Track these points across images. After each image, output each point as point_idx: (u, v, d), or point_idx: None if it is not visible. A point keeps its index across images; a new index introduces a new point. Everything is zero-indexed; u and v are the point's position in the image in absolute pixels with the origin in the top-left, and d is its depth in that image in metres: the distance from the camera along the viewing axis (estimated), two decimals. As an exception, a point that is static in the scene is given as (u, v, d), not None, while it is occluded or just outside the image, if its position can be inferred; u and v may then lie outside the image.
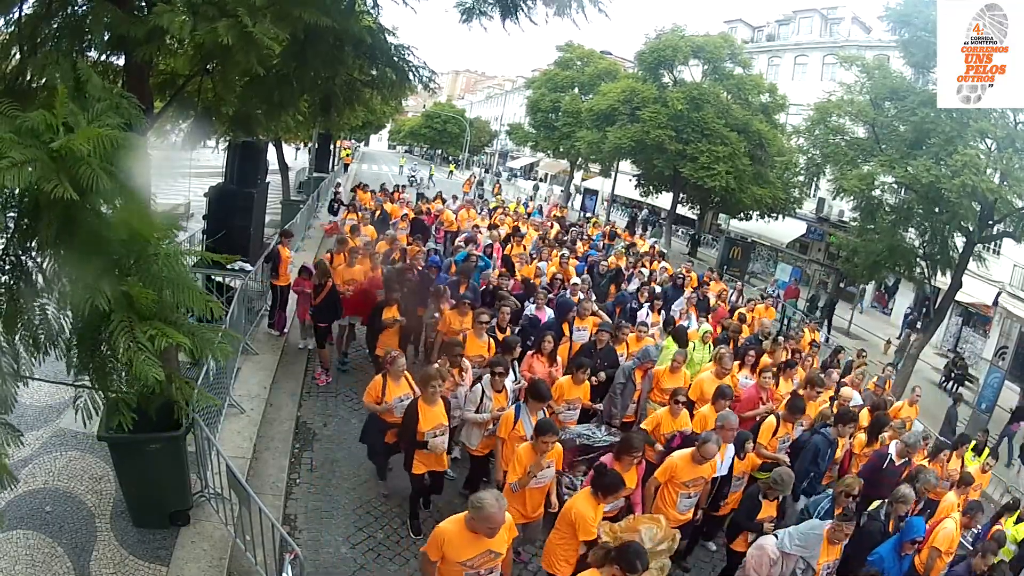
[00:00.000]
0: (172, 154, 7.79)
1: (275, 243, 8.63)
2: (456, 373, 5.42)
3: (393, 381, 5.04)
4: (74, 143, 2.17)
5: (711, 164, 20.09)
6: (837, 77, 16.49)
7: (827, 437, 5.56)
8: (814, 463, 5.47)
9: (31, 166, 2.09)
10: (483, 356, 6.11)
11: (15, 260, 2.56)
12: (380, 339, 6.58)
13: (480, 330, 6.30)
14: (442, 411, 4.75)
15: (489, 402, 5.12)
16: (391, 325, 6.59)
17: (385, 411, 5.02)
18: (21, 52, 4.24)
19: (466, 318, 6.66)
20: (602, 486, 3.71)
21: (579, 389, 5.61)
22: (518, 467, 4.13)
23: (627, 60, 31.53)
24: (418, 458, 4.69)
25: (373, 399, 5.05)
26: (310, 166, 21.22)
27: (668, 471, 4.59)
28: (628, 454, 4.22)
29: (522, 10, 5.90)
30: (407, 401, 4.90)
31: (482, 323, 6.29)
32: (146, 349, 2.49)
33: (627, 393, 6.22)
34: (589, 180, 38.60)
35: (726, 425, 4.89)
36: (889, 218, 12.77)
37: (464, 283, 7.92)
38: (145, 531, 4.30)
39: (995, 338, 17.09)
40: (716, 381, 6.24)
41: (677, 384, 6.36)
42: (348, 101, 7.23)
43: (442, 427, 4.69)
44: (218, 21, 3.77)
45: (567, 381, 5.61)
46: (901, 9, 11.82)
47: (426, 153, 68.45)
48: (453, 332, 6.60)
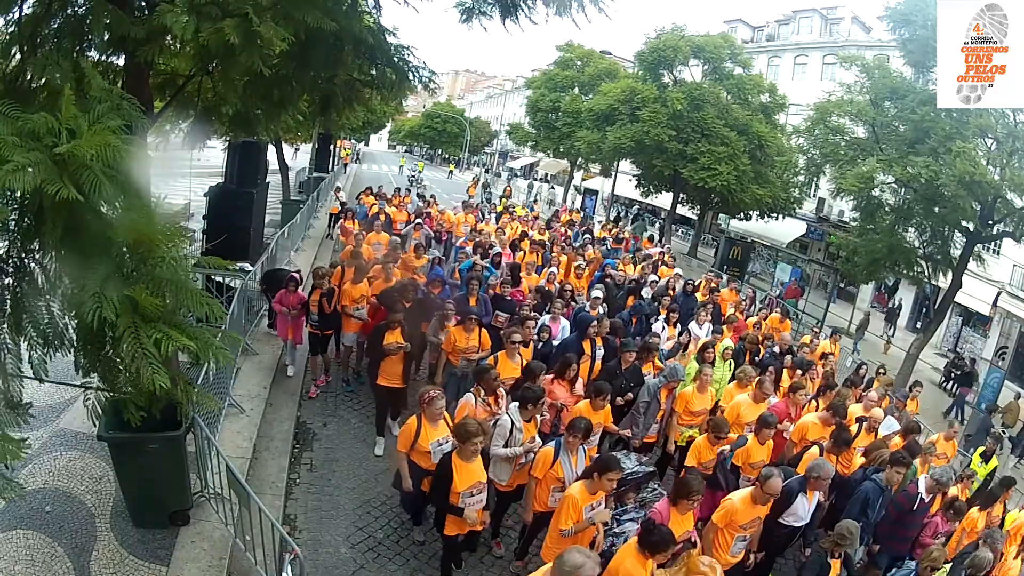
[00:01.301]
0: (172, 154, 7.71)
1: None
2: (492, 402, 4.91)
3: (430, 424, 4.39)
4: (78, 149, 2.17)
5: (712, 164, 20.09)
6: (837, 77, 16.51)
7: (879, 484, 5.01)
8: (863, 514, 4.86)
9: (34, 169, 2.09)
10: (516, 378, 5.58)
11: (18, 262, 2.56)
12: (382, 367, 5.86)
13: (513, 351, 5.74)
14: (480, 467, 4.11)
15: (519, 434, 4.63)
16: (394, 352, 5.81)
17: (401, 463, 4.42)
18: (21, 52, 4.24)
19: (472, 335, 6.23)
20: (650, 544, 3.37)
21: (599, 415, 5.17)
22: (572, 511, 3.81)
23: (627, 60, 31.52)
24: (451, 520, 4.10)
25: (406, 446, 4.38)
26: (310, 166, 21.22)
27: (728, 515, 4.21)
28: (687, 498, 3.87)
29: (522, 10, 5.90)
30: (446, 446, 4.34)
31: (515, 343, 5.74)
32: (152, 356, 2.47)
33: (651, 413, 5.85)
34: (589, 180, 38.62)
35: (821, 475, 4.45)
36: (889, 218, 12.79)
37: (473, 296, 7.26)
38: (145, 531, 4.29)
39: (995, 338, 17.10)
40: (755, 406, 5.83)
41: (705, 405, 6.04)
42: (348, 101, 7.22)
43: (480, 486, 4.06)
44: (221, 21, 3.76)
45: (586, 407, 5.14)
46: (901, 9, 11.84)
47: (426, 153, 68.48)
48: (459, 351, 6.23)
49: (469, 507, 3.98)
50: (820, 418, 5.85)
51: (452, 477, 3.93)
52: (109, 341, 2.66)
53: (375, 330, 6.01)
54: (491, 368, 5.10)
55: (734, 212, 23.21)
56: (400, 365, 5.90)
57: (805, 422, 5.89)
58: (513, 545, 5.01)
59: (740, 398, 6.04)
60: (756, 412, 5.64)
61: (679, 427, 6.03)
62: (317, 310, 6.83)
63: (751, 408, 5.83)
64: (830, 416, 5.80)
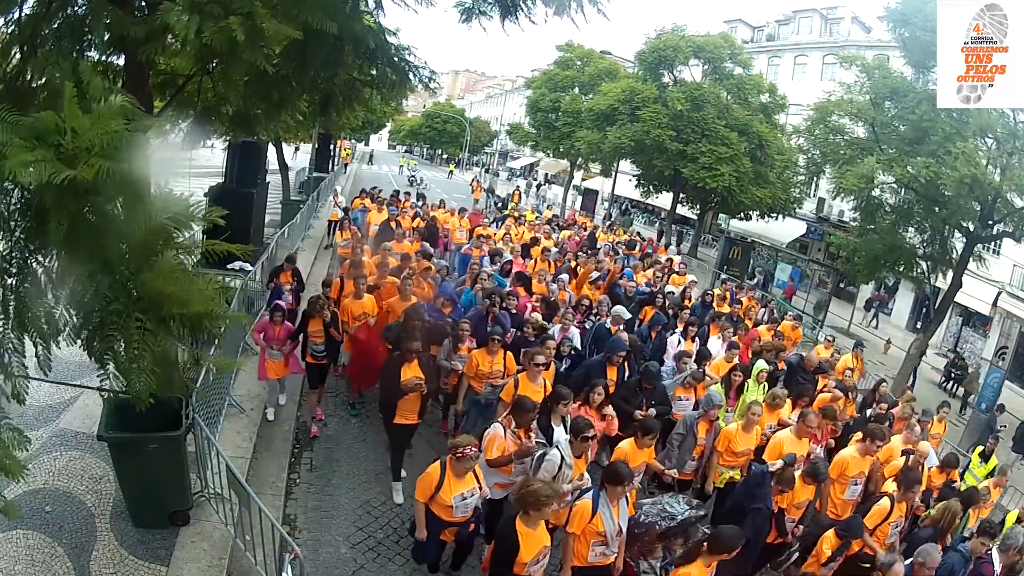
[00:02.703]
0: (172, 154, 7.62)
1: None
2: (523, 435, 4.44)
3: (455, 476, 3.93)
4: (83, 141, 2.17)
5: (712, 165, 20.09)
6: (837, 77, 16.49)
7: (964, 555, 4.53)
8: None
9: (40, 168, 2.09)
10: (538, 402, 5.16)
11: (21, 261, 2.56)
12: (399, 406, 5.22)
13: (535, 373, 5.32)
14: (545, 531, 3.67)
15: (568, 471, 4.20)
16: (413, 390, 5.14)
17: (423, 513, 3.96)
18: (21, 52, 4.24)
19: (496, 358, 5.76)
20: None
21: (644, 454, 4.76)
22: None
23: (627, 60, 31.50)
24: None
25: (425, 496, 3.93)
26: (310, 166, 21.24)
27: None
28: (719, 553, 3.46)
29: (521, 10, 5.91)
30: (472, 499, 3.99)
31: (539, 366, 5.33)
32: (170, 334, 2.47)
33: (686, 447, 5.36)
34: (589, 180, 38.61)
35: (927, 563, 4.03)
36: (889, 218, 12.78)
37: (491, 314, 6.65)
38: (145, 531, 4.29)
39: (995, 338, 17.09)
40: (798, 443, 5.30)
41: (749, 445, 5.39)
42: (348, 101, 7.23)
43: (545, 550, 3.64)
44: (223, 19, 3.76)
45: (630, 446, 4.70)
46: (901, 9, 11.83)
47: (426, 153, 68.49)
48: (483, 375, 5.73)
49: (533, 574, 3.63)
50: (859, 450, 5.35)
51: (518, 548, 3.48)
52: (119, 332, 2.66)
53: (389, 364, 5.35)
54: (531, 403, 4.54)
55: (734, 212, 23.21)
56: (418, 403, 5.31)
57: (844, 457, 5.34)
58: None
59: (782, 435, 5.41)
60: (800, 451, 5.25)
61: (719, 467, 5.45)
62: (323, 340, 6.06)
63: (795, 446, 5.27)
64: (870, 445, 5.29)
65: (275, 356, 6.04)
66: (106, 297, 2.40)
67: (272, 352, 6.02)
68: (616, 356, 6.02)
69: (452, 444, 3.95)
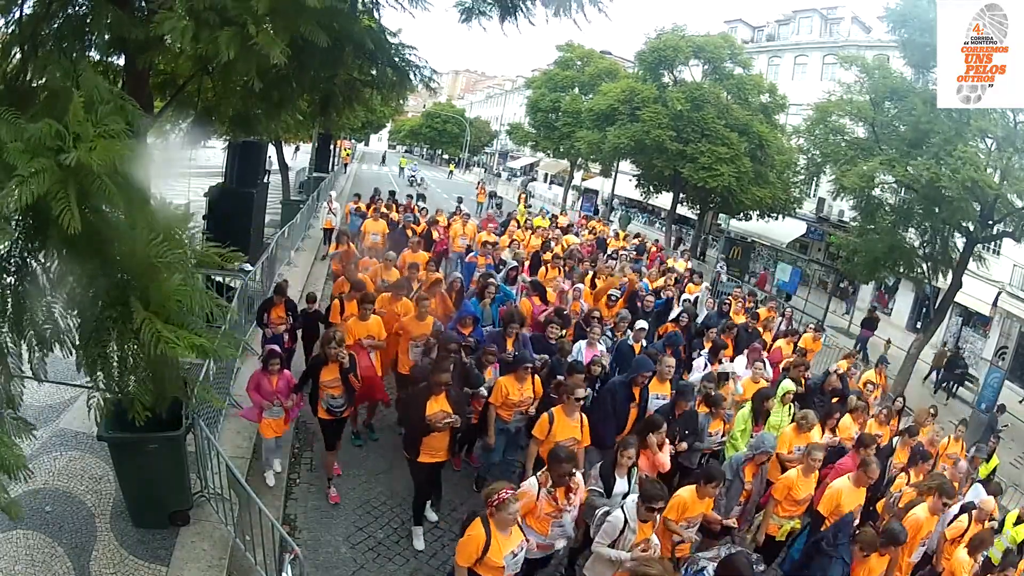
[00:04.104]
0: (172, 154, 7.57)
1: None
2: (561, 495, 3.90)
3: (500, 532, 3.42)
4: (85, 158, 2.17)
5: (713, 165, 20.09)
6: (837, 77, 16.49)
7: None
8: None
9: (39, 179, 2.08)
10: (576, 439, 4.74)
11: (20, 262, 2.56)
12: (425, 442, 4.64)
13: (573, 408, 4.75)
14: None
15: (632, 535, 3.80)
16: (441, 428, 4.57)
17: None
18: (22, 52, 4.24)
19: (525, 384, 5.27)
20: None
21: (705, 504, 4.34)
22: None
23: (627, 60, 31.50)
24: None
25: (470, 560, 3.40)
26: (310, 166, 21.24)
27: None
28: None
29: (521, 11, 5.90)
30: (521, 555, 3.56)
31: (579, 400, 4.75)
32: (168, 351, 2.47)
33: (732, 494, 4.82)
34: (589, 180, 38.60)
35: None
36: (889, 218, 12.79)
37: (512, 336, 6.02)
38: (145, 531, 4.30)
39: (995, 338, 17.08)
40: (856, 492, 4.76)
41: (810, 490, 4.86)
42: (348, 101, 7.23)
43: None
44: (219, 29, 3.76)
45: (691, 495, 4.25)
46: (901, 9, 11.83)
47: (426, 153, 68.48)
48: (512, 404, 5.24)
49: None
50: (931, 508, 4.80)
51: None
52: (114, 340, 2.66)
53: (414, 397, 4.81)
54: (568, 453, 4.04)
55: (734, 212, 23.21)
56: (447, 440, 4.75)
57: (918, 518, 4.78)
58: None
59: (840, 485, 4.84)
60: (859, 501, 4.77)
61: (778, 518, 4.90)
62: (342, 391, 5.04)
63: (853, 496, 4.76)
64: (939, 503, 4.77)
65: (275, 413, 5.01)
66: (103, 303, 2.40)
67: (272, 409, 4.99)
68: (642, 377, 5.51)
69: (487, 494, 3.44)
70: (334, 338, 4.97)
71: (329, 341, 4.97)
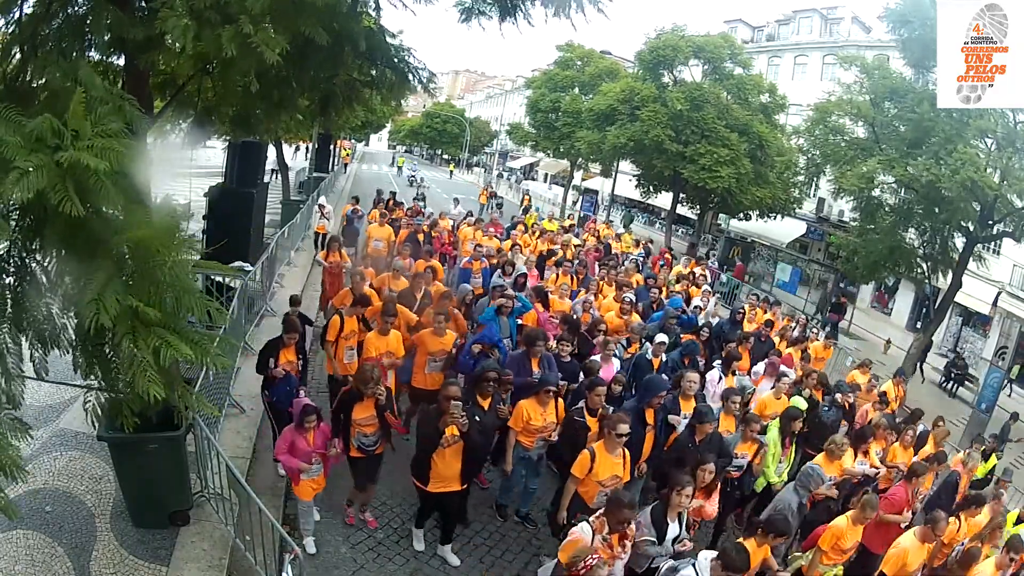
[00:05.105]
0: (172, 154, 7.52)
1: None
2: (616, 542, 3.62)
3: None
4: (82, 156, 2.17)
5: (712, 166, 20.10)
6: (837, 77, 16.50)
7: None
8: None
9: (38, 174, 2.09)
10: (619, 477, 4.40)
11: (19, 262, 2.56)
12: (435, 463, 4.38)
13: (615, 444, 4.36)
14: None
15: None
16: (452, 444, 4.35)
17: None
18: (22, 52, 4.24)
19: (547, 408, 4.91)
20: None
21: (763, 551, 3.98)
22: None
23: (627, 60, 31.49)
24: None
25: None
26: (310, 166, 21.24)
27: None
28: None
29: (520, 11, 5.90)
30: None
31: (621, 436, 4.34)
32: (149, 364, 2.46)
33: None
34: (589, 180, 38.60)
35: None
36: (889, 218, 12.80)
37: (535, 357, 5.57)
38: (145, 531, 4.29)
39: (995, 338, 17.09)
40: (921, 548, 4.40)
41: (858, 537, 4.45)
42: (348, 101, 7.23)
43: None
44: (220, 27, 3.77)
45: (752, 546, 3.84)
46: (900, 9, 11.84)
47: (426, 153, 68.49)
48: (534, 430, 4.90)
49: None
50: (998, 565, 4.45)
51: None
52: (108, 342, 2.67)
53: (427, 415, 4.51)
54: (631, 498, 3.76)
55: (734, 212, 23.22)
56: (458, 462, 4.39)
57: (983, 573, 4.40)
58: None
59: (906, 544, 4.42)
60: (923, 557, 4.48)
61: (823, 566, 4.48)
62: (377, 429, 4.64)
63: (918, 553, 4.41)
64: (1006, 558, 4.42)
65: (315, 472, 4.40)
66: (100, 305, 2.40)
67: (311, 469, 4.36)
68: (656, 399, 5.04)
69: (570, 563, 3.19)
70: (373, 377, 4.52)
71: (367, 381, 4.50)
